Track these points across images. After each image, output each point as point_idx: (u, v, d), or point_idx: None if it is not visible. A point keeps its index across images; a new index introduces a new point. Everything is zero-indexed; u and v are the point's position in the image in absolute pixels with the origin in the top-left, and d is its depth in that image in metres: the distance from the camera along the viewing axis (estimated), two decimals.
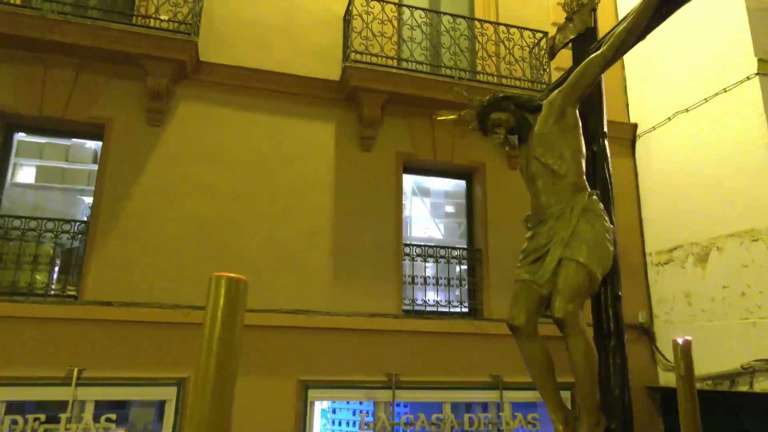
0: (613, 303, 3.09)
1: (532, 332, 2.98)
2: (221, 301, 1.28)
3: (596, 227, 2.92)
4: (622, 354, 3.04)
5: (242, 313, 1.31)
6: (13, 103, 6.30)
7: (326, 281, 6.77)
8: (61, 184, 7.01)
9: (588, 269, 2.82)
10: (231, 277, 1.32)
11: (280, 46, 7.36)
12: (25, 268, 6.07)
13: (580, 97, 3.15)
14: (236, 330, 1.27)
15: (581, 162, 3.10)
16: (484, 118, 3.33)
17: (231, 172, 6.77)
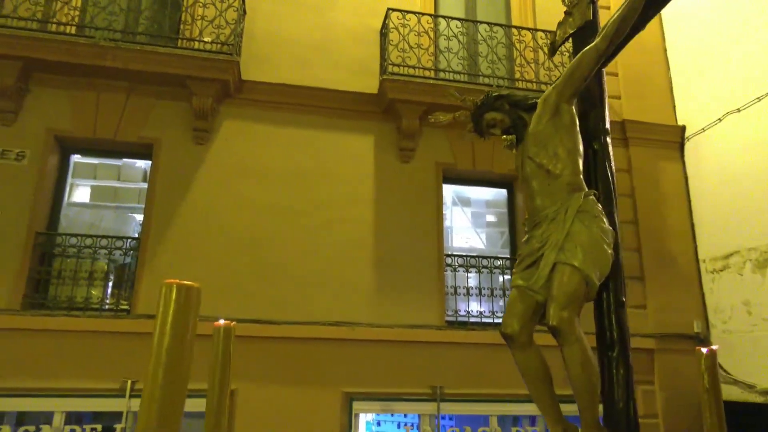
0: (615, 310, 2.89)
1: (526, 341, 2.82)
2: (171, 309, 1.23)
3: (592, 229, 2.75)
4: (626, 364, 2.84)
5: (194, 321, 1.26)
6: (69, 127, 6.63)
7: (368, 293, 6.79)
8: (113, 203, 7.31)
9: (584, 274, 2.65)
10: (182, 285, 1.25)
11: (318, 62, 7.50)
12: (81, 284, 6.34)
13: (574, 92, 3.00)
14: (186, 339, 1.23)
15: (578, 161, 2.95)
16: (478, 119, 3.24)
17: (273, 187, 6.91)
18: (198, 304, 1.27)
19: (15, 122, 6.50)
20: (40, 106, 6.60)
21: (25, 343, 5.78)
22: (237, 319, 6.29)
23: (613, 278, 2.89)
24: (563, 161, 2.90)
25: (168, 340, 1.21)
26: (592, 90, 3.21)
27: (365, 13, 7.82)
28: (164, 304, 1.23)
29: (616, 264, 2.88)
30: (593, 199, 2.89)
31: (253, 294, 6.43)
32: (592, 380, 2.66)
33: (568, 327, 2.60)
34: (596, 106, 3.21)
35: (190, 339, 1.24)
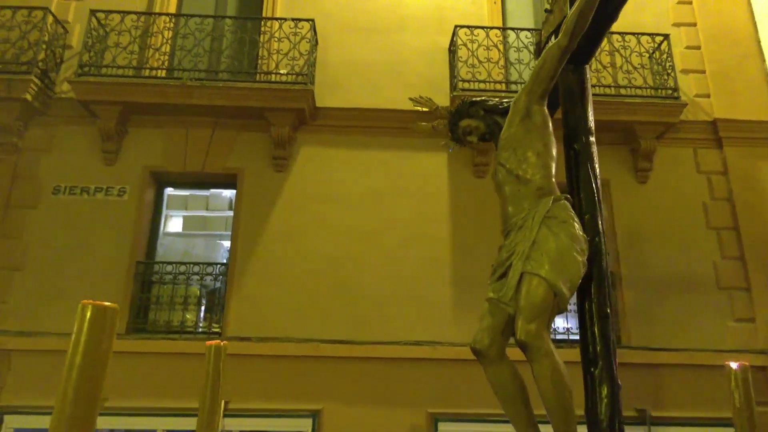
0: (599, 322, 2.68)
1: (496, 356, 2.63)
2: (84, 328, 1.23)
3: (560, 236, 2.56)
4: (611, 378, 2.61)
5: (108, 341, 1.26)
6: (163, 162, 7.16)
7: (448, 312, 6.71)
8: (203, 231, 7.76)
9: (550, 284, 2.47)
10: (97, 305, 1.26)
11: (388, 84, 7.62)
12: (177, 309, 6.76)
13: (543, 92, 2.87)
14: (99, 359, 1.23)
15: (549, 164, 2.80)
16: (454, 127, 3.17)
17: (349, 209, 7.05)
18: (113, 324, 1.28)
19: (116, 161, 7.10)
20: (137, 145, 7.17)
21: (130, 366, 6.20)
22: (320, 339, 6.48)
23: (596, 288, 2.70)
24: (533, 165, 2.77)
25: (80, 359, 1.23)
26: (573, 89, 3.03)
27: (432, 33, 7.89)
28: (79, 324, 1.25)
29: (600, 273, 2.70)
30: (564, 203, 2.72)
31: (334, 314, 6.55)
32: (565, 397, 2.46)
33: (536, 341, 2.44)
34: (576, 105, 3.01)
35: (103, 357, 1.25)
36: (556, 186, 2.77)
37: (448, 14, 7.91)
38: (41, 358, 6.25)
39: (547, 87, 2.86)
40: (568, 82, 3.01)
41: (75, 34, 7.58)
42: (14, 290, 6.58)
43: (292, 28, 7.25)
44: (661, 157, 7.40)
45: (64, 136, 7.18)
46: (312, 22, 7.34)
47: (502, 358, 2.66)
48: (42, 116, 7.14)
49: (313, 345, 6.38)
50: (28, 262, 6.69)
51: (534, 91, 2.86)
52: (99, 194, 6.99)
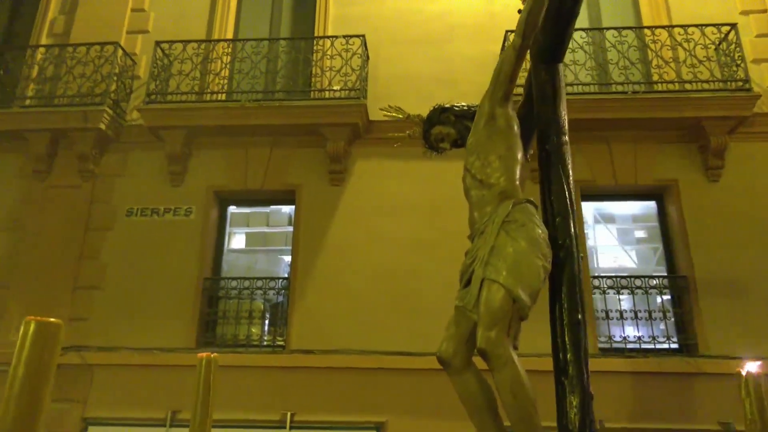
0: (570, 329, 2.54)
1: (461, 366, 2.56)
2: (27, 343, 1.25)
3: (518, 241, 2.48)
4: (582, 389, 2.47)
5: (52, 356, 1.27)
6: (225, 182, 7.45)
7: None
8: (264, 246, 8.00)
9: (507, 290, 2.39)
10: (41, 321, 1.28)
11: (442, 93, 7.56)
12: (242, 323, 6.97)
13: (504, 94, 2.82)
14: (42, 373, 1.24)
15: (512, 168, 2.73)
16: (427, 135, 3.15)
17: (406, 221, 7.07)
18: (56, 338, 1.29)
19: (183, 183, 7.46)
20: (201, 167, 7.51)
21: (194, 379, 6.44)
22: (382, 351, 6.50)
23: (567, 293, 2.56)
24: (496, 169, 2.71)
25: (21, 374, 1.24)
26: (545, 88, 2.90)
27: (483, 40, 7.83)
28: (22, 340, 1.27)
29: (571, 277, 2.56)
30: (525, 206, 2.63)
31: (394, 326, 6.56)
32: (527, 408, 2.38)
33: (496, 349, 2.35)
34: (548, 104, 2.89)
35: (47, 373, 1.26)
36: (520, 189, 2.72)
37: (498, 20, 7.82)
38: (121, 371, 6.61)
39: (507, 89, 2.83)
40: (541, 81, 2.93)
41: (142, 64, 8.05)
42: (95, 308, 7.00)
43: (343, 45, 7.40)
44: (733, 154, 6.98)
45: (135, 161, 7.62)
46: (362, 37, 7.46)
47: (468, 367, 2.59)
48: (115, 143, 7.62)
49: (375, 357, 6.40)
50: (107, 281, 7.11)
51: (495, 94, 2.83)
52: (168, 215, 7.35)
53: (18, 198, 7.52)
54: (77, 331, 6.84)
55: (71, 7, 8.53)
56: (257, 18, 8.56)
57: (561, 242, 2.58)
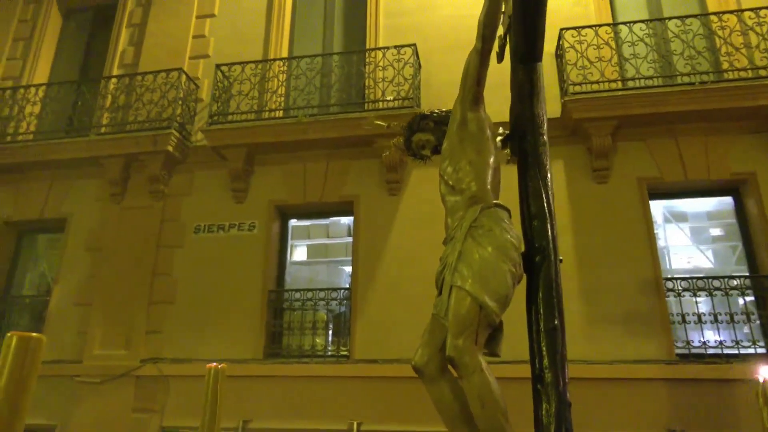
0: (546, 335, 2.42)
1: (435, 374, 2.51)
2: (9, 357, 1.34)
3: (485, 246, 2.45)
4: (559, 397, 2.33)
5: (32, 368, 1.37)
6: (285, 196, 7.65)
7: (578, 327, 6.34)
8: (325, 258, 8.14)
9: (473, 296, 2.36)
10: (21, 335, 1.37)
11: (494, 97, 7.43)
12: (307, 333, 7.11)
13: (473, 98, 2.80)
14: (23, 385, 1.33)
15: (483, 172, 2.70)
16: (409, 142, 3.12)
17: None
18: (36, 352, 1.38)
19: (245, 199, 7.72)
20: (262, 183, 7.75)
21: (268, 388, 6.62)
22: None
23: (543, 298, 2.45)
24: (467, 174, 2.68)
25: (3, 382, 1.33)
26: (522, 89, 2.80)
27: None
28: (5, 351, 1.36)
29: (547, 282, 2.45)
30: (493, 211, 2.59)
31: None
32: (496, 417, 2.31)
33: (464, 357, 2.30)
34: (525, 104, 2.78)
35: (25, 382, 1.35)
36: (491, 193, 2.68)
37: (551, 18, 7.60)
38: (194, 382, 6.88)
39: (475, 92, 2.80)
40: (519, 81, 2.84)
41: (204, 87, 8.44)
42: (168, 321, 7.35)
43: (395, 56, 7.46)
44: None
45: (201, 180, 7.97)
46: (414, 46, 7.49)
47: (443, 376, 2.54)
48: (182, 164, 8.01)
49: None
50: (178, 296, 7.45)
51: (464, 99, 2.82)
52: (232, 230, 7.63)
53: (97, 220, 8.03)
54: (153, 343, 7.21)
55: (139, 39, 9.08)
56: (310, 35, 8.78)
57: (537, 245, 2.49)
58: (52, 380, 7.25)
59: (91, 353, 7.28)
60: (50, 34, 9.71)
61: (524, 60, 2.77)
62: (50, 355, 7.42)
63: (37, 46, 9.51)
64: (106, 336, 7.33)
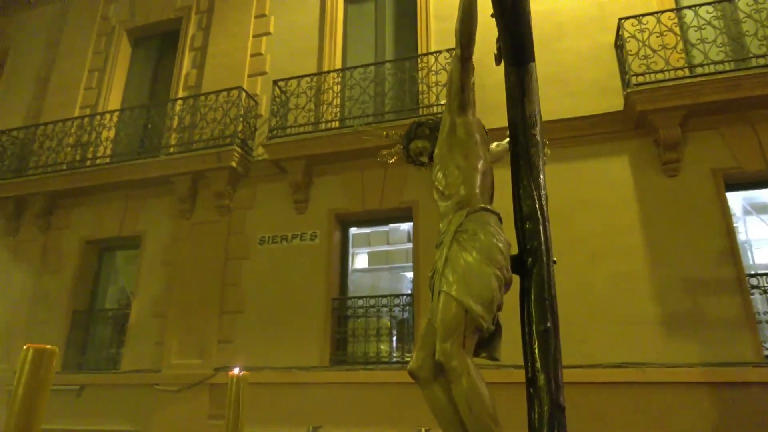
0: (538, 338, 2.39)
1: (429, 378, 2.55)
2: (26, 368, 1.47)
3: (469, 251, 2.49)
4: (551, 400, 2.29)
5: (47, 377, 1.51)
6: (344, 205, 7.77)
7: (653, 329, 6.03)
8: (386, 264, 8.18)
9: (458, 301, 2.40)
10: (36, 348, 1.52)
11: (553, 94, 7.31)
12: (371, 340, 7.16)
13: (460, 104, 2.81)
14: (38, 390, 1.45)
15: (471, 177, 2.72)
16: (407, 150, 3.17)
17: None
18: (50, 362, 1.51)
19: (306, 209, 7.90)
20: (321, 193, 7.91)
21: (335, 395, 6.71)
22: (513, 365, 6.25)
23: (535, 300, 2.43)
24: (455, 179, 2.72)
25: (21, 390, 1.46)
26: (514, 91, 2.79)
27: (594, 32, 7.43)
28: (21, 364, 1.50)
29: (539, 284, 2.43)
30: (479, 215, 2.62)
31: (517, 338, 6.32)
32: (484, 420, 2.34)
33: (451, 361, 2.36)
34: (516, 107, 2.76)
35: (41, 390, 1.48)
36: (479, 197, 2.69)
37: (609, 8, 7.39)
38: (265, 389, 7.08)
39: (461, 99, 2.81)
40: (510, 84, 2.84)
41: (263, 103, 8.73)
42: (238, 331, 7.61)
43: (447, 59, 7.42)
44: None
45: (263, 193, 8.23)
46: None
47: (436, 380, 2.56)
48: (245, 179, 8.30)
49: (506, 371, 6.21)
50: (246, 306, 7.71)
51: (451, 106, 2.83)
52: (295, 240, 7.81)
53: (169, 236, 8.46)
54: (225, 352, 7.48)
55: (201, 61, 9.52)
56: (362, 45, 8.90)
57: (529, 247, 2.49)
58: (134, 388, 7.68)
59: (168, 362, 7.65)
60: (121, 63, 10.36)
61: (516, 62, 2.78)
62: (132, 365, 7.88)
63: (110, 75, 10.16)
64: (182, 346, 7.68)
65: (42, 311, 8.57)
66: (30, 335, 8.42)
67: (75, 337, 8.47)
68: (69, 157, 9.13)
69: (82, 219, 9.03)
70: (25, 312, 8.58)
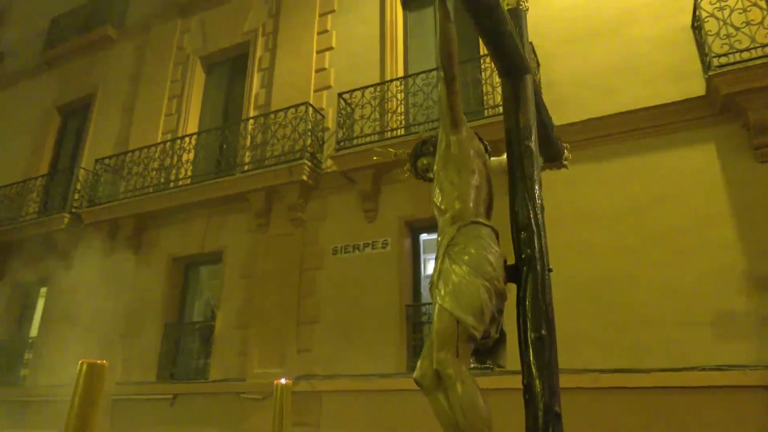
0: (533, 345, 2.44)
1: (431, 386, 2.62)
2: (81, 380, 1.66)
3: (459, 264, 2.61)
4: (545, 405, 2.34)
5: (99, 388, 1.69)
6: (413, 211, 7.77)
7: (753, 328, 5.57)
8: None
9: (449, 312, 2.52)
10: (89, 362, 1.72)
11: (624, 84, 6.99)
12: None
13: (452, 123, 2.88)
14: (92, 400, 1.63)
15: (465, 192, 2.83)
16: (414, 167, 3.29)
17: (605, 226, 6.53)
18: (101, 376, 1.70)
19: (376, 218, 7.98)
20: (390, 201, 7.96)
21: (411, 402, 6.67)
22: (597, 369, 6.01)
23: (531, 308, 2.48)
24: (449, 195, 2.85)
25: (77, 400, 1.65)
26: (509, 103, 2.87)
27: (667, 15, 7.03)
28: (77, 379, 1.68)
29: (534, 292, 2.49)
30: (469, 228, 2.72)
31: (607, 341, 6.04)
32: (478, 427, 2.45)
33: (446, 369, 2.49)
34: (511, 118, 2.84)
35: (94, 399, 1.66)
36: (473, 211, 2.77)
37: None
38: (344, 397, 7.20)
39: (452, 117, 2.87)
40: (506, 96, 2.92)
41: (329, 116, 8.94)
42: (316, 340, 7.79)
43: None
44: None
45: (334, 204, 8.41)
46: (530, 44, 7.24)
47: (439, 387, 2.63)
48: (315, 191, 8.52)
49: (592, 376, 5.95)
50: (322, 315, 7.88)
51: (445, 124, 2.92)
52: (367, 249, 7.91)
53: (247, 250, 8.82)
54: (305, 361, 7.68)
55: (269, 81, 9.90)
56: (423, 51, 8.91)
57: (524, 256, 2.57)
58: (221, 397, 8.04)
59: (252, 372, 7.95)
60: (196, 89, 10.98)
61: (510, 75, 2.86)
62: (219, 374, 8.26)
63: (187, 101, 10.80)
64: (264, 355, 7.96)
65: (136, 325, 9.17)
66: (126, 348, 9.05)
67: (167, 348, 9.00)
68: (154, 180, 9.76)
69: (169, 238, 9.61)
70: (121, 326, 9.21)
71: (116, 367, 8.95)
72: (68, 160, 12.13)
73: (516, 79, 2.87)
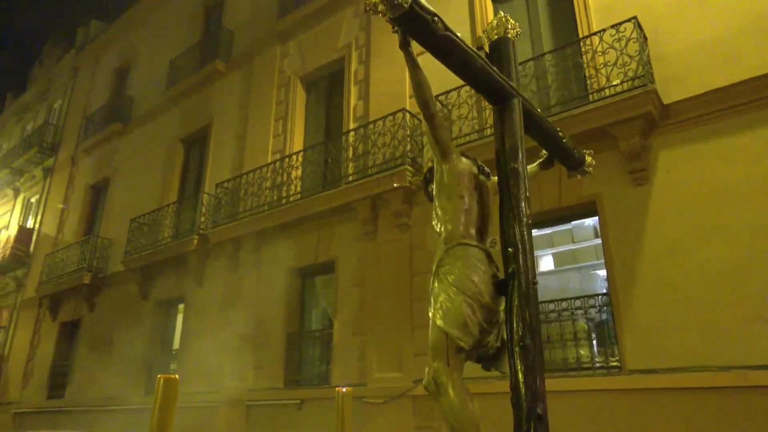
0: (519, 353, 2.59)
1: (434, 391, 2.82)
2: (159, 392, 1.89)
3: (445, 284, 2.88)
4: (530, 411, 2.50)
5: (173, 399, 1.91)
6: None
7: None
8: (574, 264, 7.71)
9: (438, 327, 2.84)
10: (166, 377, 1.99)
11: (748, 49, 6.28)
12: (568, 345, 6.77)
13: (441, 153, 3.10)
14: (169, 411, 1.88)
15: (456, 215, 3.04)
16: (427, 192, 3.40)
17: (739, 207, 5.90)
18: (176, 388, 1.91)
19: None
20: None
21: None
22: (746, 366, 5.45)
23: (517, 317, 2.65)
24: (440, 219, 3.08)
25: (157, 409, 1.89)
26: (497, 127, 3.06)
27: None
28: (156, 390, 1.91)
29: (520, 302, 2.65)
30: (455, 250, 2.93)
31: (755, 334, 5.43)
32: (465, 429, 2.65)
33: (440, 377, 2.75)
34: (498, 141, 3.01)
35: (170, 409, 1.90)
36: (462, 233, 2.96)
37: None
38: None
39: (440, 149, 3.08)
40: (495, 119, 3.08)
41: None
42: None
43: (613, 36, 6.84)
44: None
45: None
46: (634, 19, 6.77)
47: (439, 393, 2.82)
48: (419, 195, 8.55)
49: (739, 373, 5.39)
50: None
51: (435, 152, 3.13)
52: None
53: (358, 258, 9.08)
54: (422, 365, 7.70)
55: (365, 92, 10.16)
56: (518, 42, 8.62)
57: (510, 271, 2.74)
58: None
59: (371, 376, 8.15)
60: (299, 108, 11.54)
61: (497, 102, 3.03)
62: (340, 379, 8.56)
63: (291, 120, 11.39)
64: (381, 360, 8.13)
65: (262, 335, 9.79)
66: (256, 356, 9.68)
67: (291, 356, 9.50)
68: (268, 198, 10.39)
69: (285, 251, 10.16)
70: (249, 336, 9.87)
71: (248, 375, 9.61)
72: (193, 187, 13.30)
73: (502, 104, 3.01)
